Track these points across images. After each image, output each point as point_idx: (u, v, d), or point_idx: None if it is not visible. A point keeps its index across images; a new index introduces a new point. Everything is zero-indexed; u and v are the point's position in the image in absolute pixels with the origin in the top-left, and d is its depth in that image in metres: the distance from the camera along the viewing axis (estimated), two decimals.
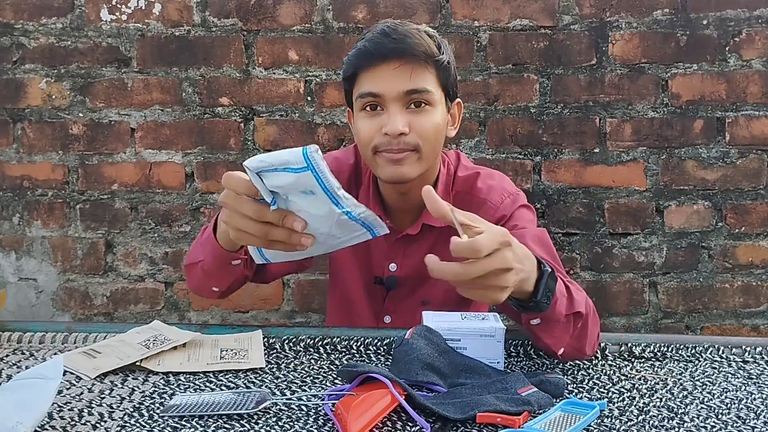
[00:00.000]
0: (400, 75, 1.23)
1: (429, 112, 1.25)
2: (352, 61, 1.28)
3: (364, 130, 1.26)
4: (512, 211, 1.32)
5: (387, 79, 1.23)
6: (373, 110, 1.25)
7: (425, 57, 1.24)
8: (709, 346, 1.18)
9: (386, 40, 1.23)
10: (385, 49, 1.23)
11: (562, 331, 1.04)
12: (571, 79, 2.16)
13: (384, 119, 1.23)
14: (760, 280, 2.17)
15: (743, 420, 0.94)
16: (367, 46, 1.25)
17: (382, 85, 1.23)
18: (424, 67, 1.24)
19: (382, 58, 1.23)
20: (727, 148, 2.15)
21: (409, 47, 1.23)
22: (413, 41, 1.23)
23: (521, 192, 1.38)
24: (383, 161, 1.25)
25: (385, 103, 1.24)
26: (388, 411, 0.91)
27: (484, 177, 1.38)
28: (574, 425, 0.88)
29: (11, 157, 2.23)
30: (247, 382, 1.05)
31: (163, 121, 2.21)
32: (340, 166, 1.39)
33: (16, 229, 2.25)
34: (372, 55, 1.24)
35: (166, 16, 2.19)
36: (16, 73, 2.21)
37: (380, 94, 1.24)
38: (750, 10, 2.12)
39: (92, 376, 1.05)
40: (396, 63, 1.22)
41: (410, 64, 1.23)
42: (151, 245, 2.24)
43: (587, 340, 1.09)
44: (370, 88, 1.24)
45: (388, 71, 1.23)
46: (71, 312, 2.26)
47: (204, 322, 2.24)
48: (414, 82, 1.23)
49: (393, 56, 1.23)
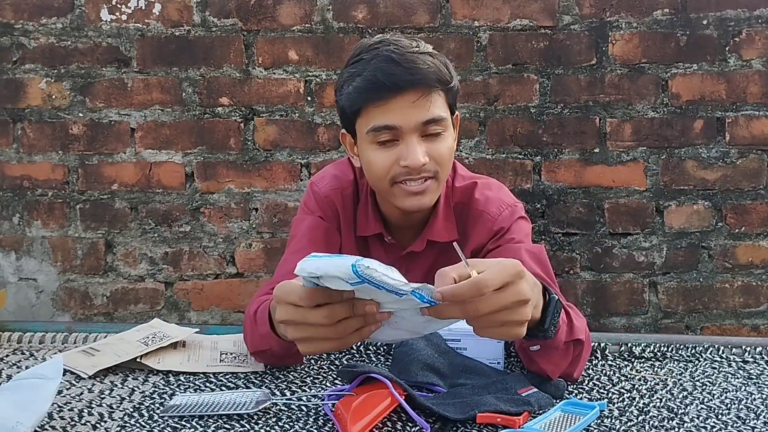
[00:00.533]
0: (419, 106, 1.16)
1: (444, 138, 1.21)
2: (360, 94, 1.18)
3: (379, 162, 1.20)
4: (510, 224, 1.29)
5: (404, 111, 1.15)
6: (386, 143, 1.19)
7: (440, 84, 1.18)
8: (709, 346, 1.18)
9: (398, 69, 1.14)
10: (399, 81, 1.14)
11: (560, 357, 1.02)
12: (571, 79, 2.16)
13: (401, 151, 1.17)
14: (760, 280, 2.17)
15: (743, 420, 0.94)
16: (377, 76, 1.15)
17: (399, 119, 1.16)
18: (438, 94, 1.18)
19: (398, 91, 1.15)
20: (727, 148, 2.15)
21: (424, 77, 1.15)
22: (427, 69, 1.16)
23: (519, 203, 1.35)
24: (402, 193, 1.20)
25: (401, 135, 1.17)
26: (388, 411, 0.91)
27: (482, 187, 1.34)
28: (574, 425, 0.88)
29: (11, 157, 2.23)
30: (247, 383, 1.05)
31: (163, 121, 2.21)
32: (342, 184, 1.35)
33: (16, 229, 2.25)
34: (385, 87, 1.15)
35: (166, 16, 2.19)
36: (16, 73, 2.21)
37: (397, 127, 1.17)
38: (750, 10, 2.12)
39: (90, 373, 1.05)
40: (413, 95, 1.15)
41: (427, 94, 1.16)
42: (151, 245, 2.24)
43: (580, 366, 1.07)
44: (385, 122, 1.17)
45: (405, 103, 1.15)
46: (71, 312, 2.26)
47: (204, 322, 2.24)
48: (431, 112, 1.17)
49: (409, 88, 1.15)
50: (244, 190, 2.22)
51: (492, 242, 1.27)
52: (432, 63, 1.17)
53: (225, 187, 2.21)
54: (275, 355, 1.10)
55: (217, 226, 2.22)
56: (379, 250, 1.34)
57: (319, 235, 1.31)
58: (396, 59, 1.15)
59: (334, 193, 1.33)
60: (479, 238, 1.29)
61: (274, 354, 1.09)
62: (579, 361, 1.06)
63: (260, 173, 2.21)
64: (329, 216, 1.32)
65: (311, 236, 1.30)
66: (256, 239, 2.23)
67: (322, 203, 1.33)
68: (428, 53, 1.20)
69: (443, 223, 1.30)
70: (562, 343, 1.00)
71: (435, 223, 1.29)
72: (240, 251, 2.23)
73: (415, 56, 1.16)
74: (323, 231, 1.31)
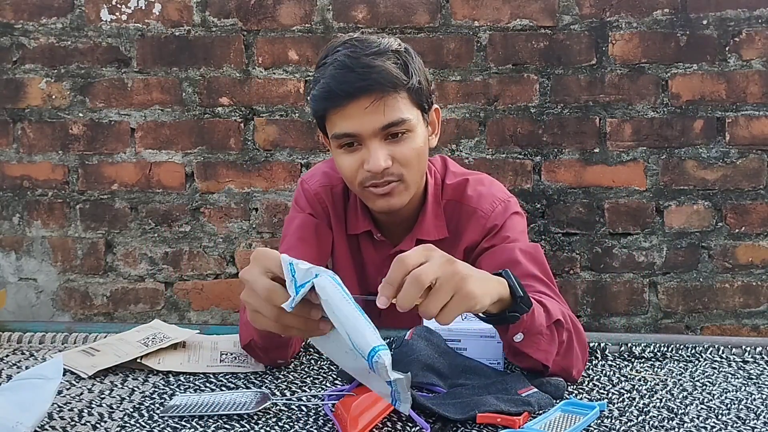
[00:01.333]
0: (373, 112, 1.15)
1: (409, 139, 1.19)
2: (318, 101, 1.20)
3: (346, 166, 1.21)
4: (504, 221, 1.27)
5: (359, 117, 1.16)
6: (351, 147, 1.20)
7: (394, 86, 1.16)
8: (709, 346, 1.18)
9: (350, 76, 1.15)
10: (351, 87, 1.14)
11: (547, 343, 1.01)
12: (571, 79, 2.16)
13: (364, 154, 1.18)
14: (760, 280, 2.17)
15: (743, 420, 0.94)
16: (330, 85, 1.16)
17: (356, 125, 1.16)
18: (395, 97, 1.17)
19: (350, 98, 1.15)
20: (727, 148, 2.15)
21: (375, 82, 1.14)
22: (380, 74, 1.14)
23: (512, 197, 1.33)
24: (372, 195, 1.21)
25: (362, 140, 1.18)
26: (388, 411, 0.91)
27: (474, 183, 1.32)
28: (574, 426, 0.88)
29: (11, 157, 2.23)
30: (247, 383, 1.05)
31: (163, 121, 2.21)
32: (332, 181, 1.35)
33: (16, 229, 2.25)
34: (338, 95, 1.16)
35: (166, 16, 2.19)
36: (16, 73, 2.21)
37: (356, 134, 1.17)
38: (750, 10, 2.12)
39: (89, 373, 1.05)
40: (366, 101, 1.15)
41: (381, 98, 1.15)
42: (151, 245, 2.24)
43: (573, 359, 1.05)
44: (344, 129, 1.18)
45: (359, 110, 1.15)
46: (71, 312, 2.26)
47: (204, 322, 2.24)
48: (388, 117, 1.16)
49: (361, 94, 1.15)
50: (244, 190, 2.22)
51: (486, 240, 1.26)
52: (386, 66, 1.16)
53: (225, 187, 2.21)
54: (260, 347, 1.09)
55: (217, 226, 2.23)
56: (369, 247, 1.34)
57: (309, 232, 1.31)
58: (349, 65, 1.15)
59: (324, 190, 1.34)
60: (472, 236, 1.28)
61: (259, 346, 1.09)
62: (572, 352, 1.04)
63: (260, 173, 2.21)
64: (319, 213, 1.33)
65: (301, 234, 1.31)
66: (256, 239, 2.23)
67: (312, 201, 1.33)
68: (388, 53, 1.18)
69: (433, 222, 1.29)
70: (545, 327, 1.00)
71: (423, 222, 1.29)
72: (240, 251, 2.23)
73: (370, 59, 1.16)
74: (313, 228, 1.31)
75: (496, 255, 1.21)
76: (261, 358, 1.13)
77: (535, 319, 0.98)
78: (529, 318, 0.97)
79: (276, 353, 1.11)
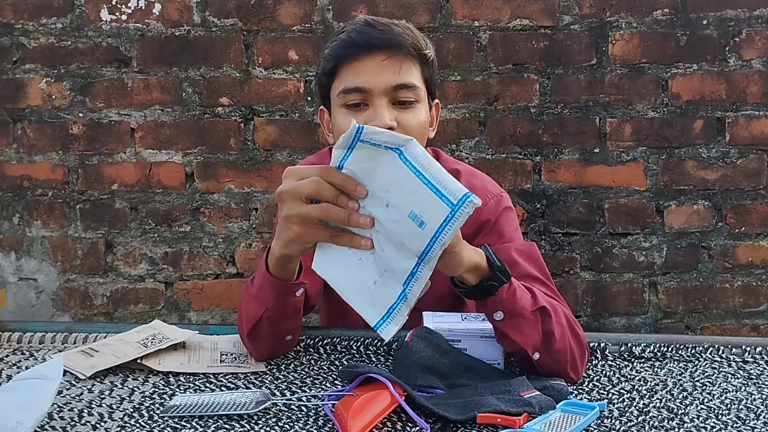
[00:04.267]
0: (389, 68, 1.16)
1: (415, 109, 1.20)
2: (333, 52, 1.20)
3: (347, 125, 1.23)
4: (497, 215, 1.27)
5: (374, 72, 1.16)
6: (357, 108, 1.19)
7: (413, 50, 1.19)
8: (709, 346, 1.18)
9: (372, 30, 1.17)
10: (372, 39, 1.16)
11: (530, 328, 1.01)
12: (571, 79, 2.16)
13: (369, 114, 1.17)
14: (760, 280, 2.17)
15: (743, 420, 0.94)
16: (352, 36, 1.18)
17: (369, 79, 1.16)
18: (411, 62, 1.19)
19: (369, 49, 1.16)
20: (727, 148, 2.15)
21: (396, 38, 1.17)
22: (401, 33, 1.18)
23: (505, 192, 1.33)
24: None
25: (371, 99, 1.17)
26: (388, 411, 0.91)
27: (467, 175, 1.32)
28: (573, 426, 0.88)
29: (11, 157, 2.23)
30: (247, 383, 1.05)
31: (163, 121, 2.21)
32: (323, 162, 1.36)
33: (16, 229, 2.25)
34: (357, 45, 1.17)
35: (166, 16, 2.19)
36: (16, 73, 2.21)
37: (367, 89, 1.17)
38: (750, 10, 2.12)
39: (88, 374, 1.05)
40: (384, 55, 1.16)
41: (398, 56, 1.17)
42: (151, 245, 2.24)
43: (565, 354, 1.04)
44: (355, 83, 1.17)
45: (375, 64, 1.16)
46: (71, 312, 2.26)
47: (204, 322, 2.24)
48: (402, 77, 1.17)
49: (381, 47, 1.16)
50: (244, 190, 2.22)
51: (482, 236, 1.25)
52: (408, 31, 1.20)
53: (225, 187, 2.21)
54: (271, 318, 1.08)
55: (217, 226, 2.23)
56: None
57: None
58: (372, 23, 1.20)
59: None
60: (465, 229, 1.28)
61: (271, 317, 1.08)
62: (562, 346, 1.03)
63: (260, 173, 2.21)
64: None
65: None
66: (256, 239, 2.23)
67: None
68: (407, 25, 1.23)
69: None
70: (529, 312, 1.01)
71: None
72: (240, 251, 2.23)
73: (392, 23, 1.21)
74: None
75: None
76: (268, 338, 1.10)
77: (516, 300, 1.00)
78: (509, 297, 1.00)
79: (287, 324, 1.09)
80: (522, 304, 1.01)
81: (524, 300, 1.02)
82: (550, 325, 1.03)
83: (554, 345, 1.03)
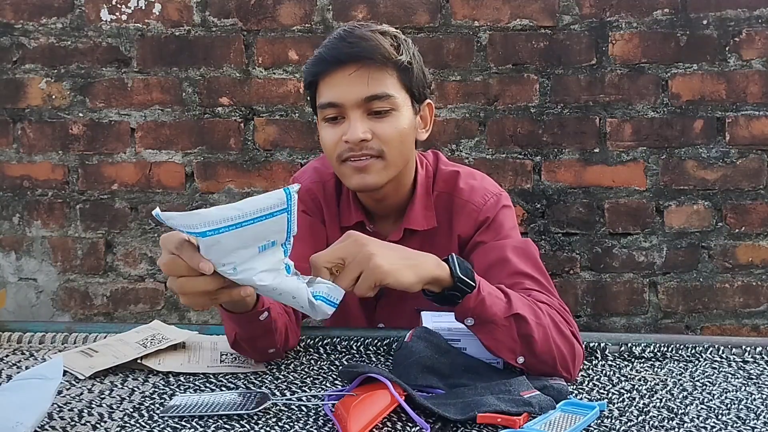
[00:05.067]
0: (357, 81, 1.18)
1: (392, 117, 1.21)
2: (309, 68, 1.25)
3: (327, 139, 1.23)
4: (495, 213, 1.28)
5: (344, 85, 1.19)
6: (335, 121, 1.22)
7: (382, 60, 1.19)
8: (709, 346, 1.17)
9: (341, 44, 1.19)
10: (340, 54, 1.19)
11: (503, 334, 1.02)
12: (571, 79, 2.16)
13: (345, 127, 1.20)
14: (760, 280, 2.17)
15: (743, 420, 0.94)
16: (322, 52, 1.22)
17: (340, 93, 1.19)
18: (383, 71, 1.20)
19: (338, 64, 1.19)
20: (727, 148, 2.15)
21: (363, 51, 1.18)
22: (369, 44, 1.19)
23: (504, 192, 1.34)
24: (348, 170, 1.22)
25: (345, 112, 1.20)
26: (388, 411, 0.91)
27: (465, 176, 1.33)
28: (573, 426, 0.88)
29: (11, 157, 2.23)
30: (248, 383, 1.05)
31: (163, 121, 2.21)
32: (323, 177, 1.36)
33: (16, 229, 2.25)
34: (327, 61, 1.20)
35: (166, 16, 2.19)
36: (16, 73, 2.21)
37: (339, 104, 1.20)
38: (750, 10, 2.12)
39: (87, 374, 1.05)
40: (351, 68, 1.18)
41: (366, 68, 1.18)
42: (151, 245, 2.24)
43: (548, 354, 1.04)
44: (329, 98, 1.21)
45: (344, 77, 1.19)
46: (71, 312, 2.26)
47: (204, 322, 2.24)
48: (372, 88, 1.18)
49: (348, 61, 1.18)
50: (244, 190, 2.22)
51: (479, 234, 1.27)
52: (377, 39, 1.20)
53: (225, 187, 2.21)
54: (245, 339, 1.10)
55: None
56: None
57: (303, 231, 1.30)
58: (343, 36, 1.21)
59: (315, 186, 1.35)
60: (464, 228, 1.29)
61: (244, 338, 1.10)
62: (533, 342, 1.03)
63: (260, 173, 2.21)
64: (312, 209, 1.34)
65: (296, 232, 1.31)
66: None
67: (305, 197, 1.34)
68: (385, 33, 1.22)
69: (422, 212, 1.30)
70: (501, 318, 1.02)
71: (412, 212, 1.30)
72: None
73: (363, 33, 1.20)
74: (308, 225, 1.32)
75: (488, 252, 1.22)
76: (250, 353, 1.13)
77: (486, 307, 1.02)
78: (477, 305, 1.01)
79: (263, 342, 1.10)
80: (493, 311, 1.02)
81: (495, 307, 1.02)
82: (527, 330, 1.03)
83: (536, 348, 1.03)
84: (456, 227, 1.30)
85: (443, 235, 1.30)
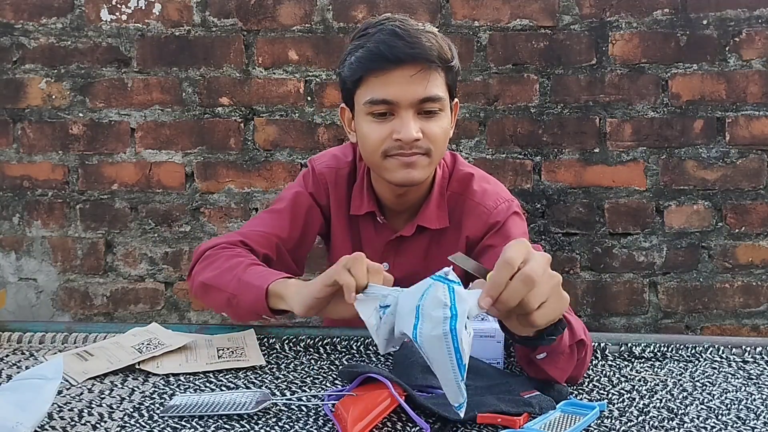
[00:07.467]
0: (417, 82, 1.17)
1: (439, 117, 1.23)
2: (361, 63, 1.20)
3: (373, 135, 1.22)
4: (506, 218, 1.29)
5: (402, 85, 1.17)
6: (383, 117, 1.21)
7: (440, 62, 1.20)
8: (709, 346, 1.17)
9: (400, 42, 1.17)
10: (400, 53, 1.16)
11: (566, 362, 0.99)
12: (571, 79, 2.16)
13: (396, 125, 1.19)
14: (760, 280, 2.17)
15: (743, 420, 0.93)
16: (380, 48, 1.17)
17: (397, 92, 1.18)
18: (437, 73, 1.20)
19: (397, 63, 1.17)
20: (727, 148, 2.15)
21: (425, 52, 1.17)
22: (429, 45, 1.18)
23: (515, 200, 1.35)
24: (394, 165, 1.22)
25: (397, 110, 1.19)
26: (388, 411, 0.91)
27: (479, 180, 1.35)
28: (574, 426, 0.88)
29: (11, 157, 2.23)
30: (247, 383, 1.05)
31: (163, 121, 2.21)
32: (339, 164, 1.38)
33: (16, 229, 2.25)
34: (386, 58, 1.17)
35: (166, 16, 2.19)
36: (16, 73, 2.21)
37: (394, 102, 1.18)
38: (750, 10, 2.12)
39: (80, 380, 1.04)
40: (412, 69, 1.17)
41: (427, 70, 1.18)
42: (151, 245, 2.24)
43: (583, 369, 1.05)
44: (383, 95, 1.19)
45: (403, 77, 1.17)
46: (71, 312, 2.26)
47: (204, 322, 2.24)
48: (429, 90, 1.19)
49: (409, 61, 1.17)
50: (244, 190, 2.22)
51: (488, 238, 1.27)
52: (434, 41, 1.20)
53: (225, 187, 2.21)
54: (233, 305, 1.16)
55: (217, 226, 2.22)
56: (369, 229, 1.35)
57: (300, 208, 1.36)
58: (400, 33, 1.18)
59: (328, 171, 1.37)
60: (474, 230, 1.29)
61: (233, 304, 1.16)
62: (584, 364, 1.04)
63: (260, 173, 2.21)
64: (319, 193, 1.37)
65: (293, 204, 1.36)
66: None
67: (315, 179, 1.37)
68: (432, 32, 1.22)
69: (435, 211, 1.31)
70: (567, 346, 0.98)
71: (427, 209, 1.31)
72: None
73: (419, 32, 1.20)
74: (306, 206, 1.36)
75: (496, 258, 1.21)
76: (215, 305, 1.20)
77: (562, 339, 0.95)
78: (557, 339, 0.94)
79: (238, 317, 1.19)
80: (564, 341, 0.97)
81: (566, 337, 0.97)
82: (584, 352, 1.02)
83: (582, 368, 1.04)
84: (465, 228, 1.30)
85: (452, 235, 1.31)
